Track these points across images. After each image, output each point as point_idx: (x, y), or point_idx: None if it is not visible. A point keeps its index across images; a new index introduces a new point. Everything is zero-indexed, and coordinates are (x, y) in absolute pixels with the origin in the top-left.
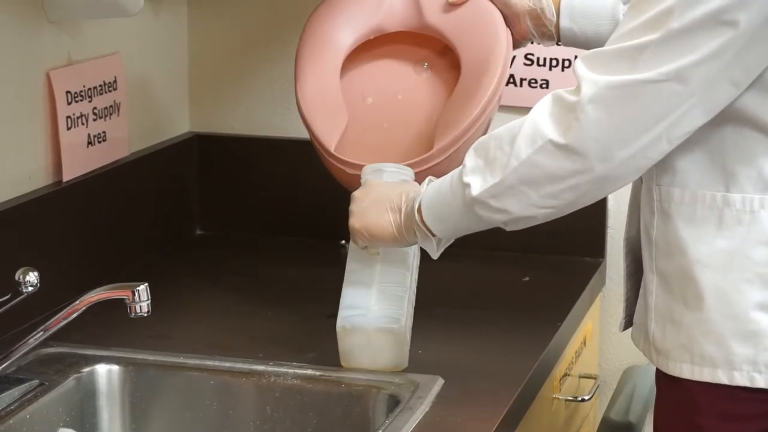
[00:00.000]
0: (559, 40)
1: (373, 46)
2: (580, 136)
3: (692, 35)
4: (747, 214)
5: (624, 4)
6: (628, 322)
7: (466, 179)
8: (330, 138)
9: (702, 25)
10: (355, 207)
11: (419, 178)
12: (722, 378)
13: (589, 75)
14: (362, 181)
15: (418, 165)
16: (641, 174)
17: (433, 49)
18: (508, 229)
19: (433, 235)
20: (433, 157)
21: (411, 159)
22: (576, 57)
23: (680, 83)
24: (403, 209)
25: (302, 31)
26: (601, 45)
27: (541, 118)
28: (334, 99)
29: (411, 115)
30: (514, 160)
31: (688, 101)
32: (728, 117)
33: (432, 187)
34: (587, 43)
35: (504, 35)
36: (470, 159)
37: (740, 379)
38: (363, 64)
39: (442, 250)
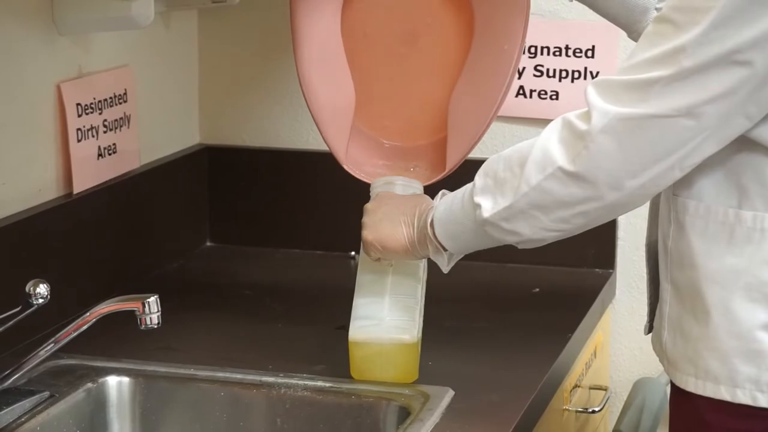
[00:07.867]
0: None
1: None
2: (590, 166)
3: (705, 74)
4: (757, 232)
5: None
6: (651, 326)
7: (476, 199)
8: (340, 145)
9: (715, 64)
10: (368, 219)
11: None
12: (725, 395)
13: (601, 104)
14: (372, 193)
15: (431, 184)
16: (652, 198)
17: None
18: (520, 247)
19: (445, 250)
20: (444, 176)
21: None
22: (585, 68)
23: (692, 119)
24: (416, 223)
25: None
26: (621, 21)
27: (551, 144)
28: (337, 66)
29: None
30: (525, 185)
31: (700, 135)
32: (744, 144)
33: (444, 203)
34: (606, 10)
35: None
36: (480, 179)
37: (743, 397)
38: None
39: (453, 263)
